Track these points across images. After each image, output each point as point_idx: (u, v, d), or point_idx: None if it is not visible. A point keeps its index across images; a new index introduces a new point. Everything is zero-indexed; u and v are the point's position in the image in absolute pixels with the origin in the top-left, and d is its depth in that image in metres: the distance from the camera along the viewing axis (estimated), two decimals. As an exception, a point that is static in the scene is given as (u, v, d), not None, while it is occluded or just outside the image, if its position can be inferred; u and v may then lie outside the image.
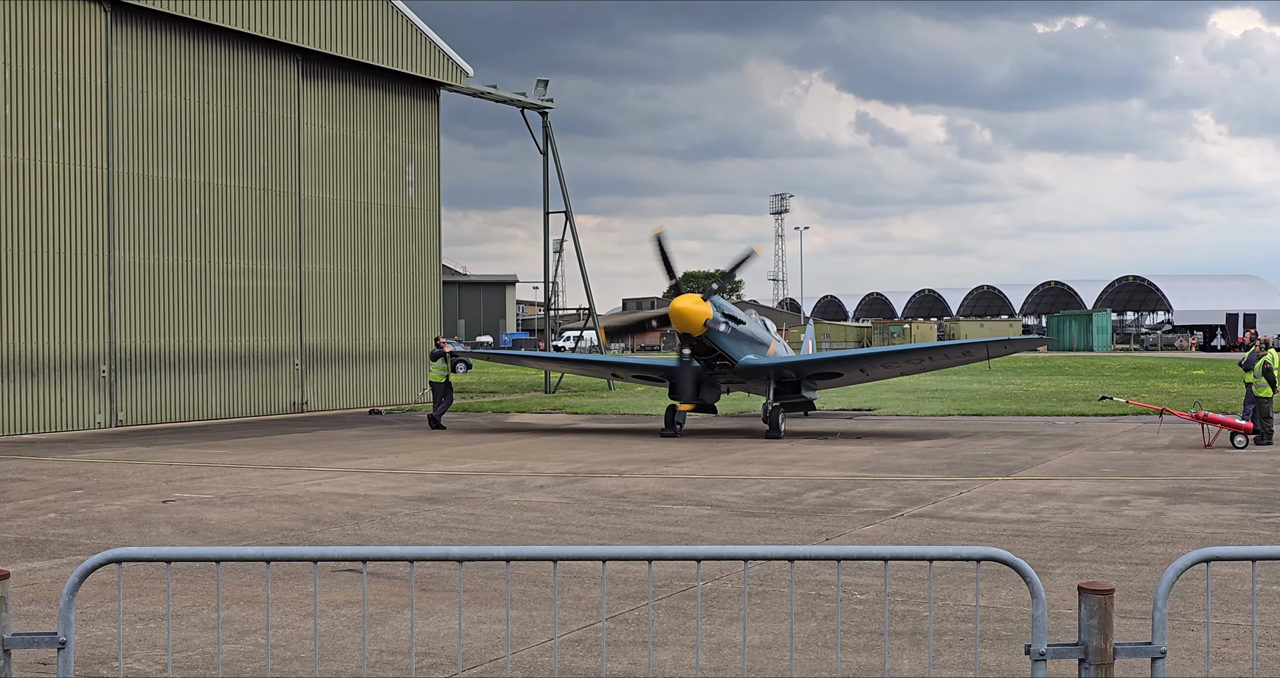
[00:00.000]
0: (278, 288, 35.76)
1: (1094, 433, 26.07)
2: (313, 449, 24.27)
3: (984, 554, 5.44)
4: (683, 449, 23.59)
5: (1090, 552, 12.12)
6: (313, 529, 13.88)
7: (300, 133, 36.45)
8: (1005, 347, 27.23)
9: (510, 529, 13.80)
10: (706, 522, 14.26)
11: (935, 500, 15.89)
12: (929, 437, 25.74)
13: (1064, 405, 33.42)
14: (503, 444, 25.20)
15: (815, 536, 13.25)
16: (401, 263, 40.13)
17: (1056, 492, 16.71)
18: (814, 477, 18.83)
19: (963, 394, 39.55)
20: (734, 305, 27.30)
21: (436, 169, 41.58)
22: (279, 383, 35.70)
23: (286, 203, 36.03)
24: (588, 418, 32.91)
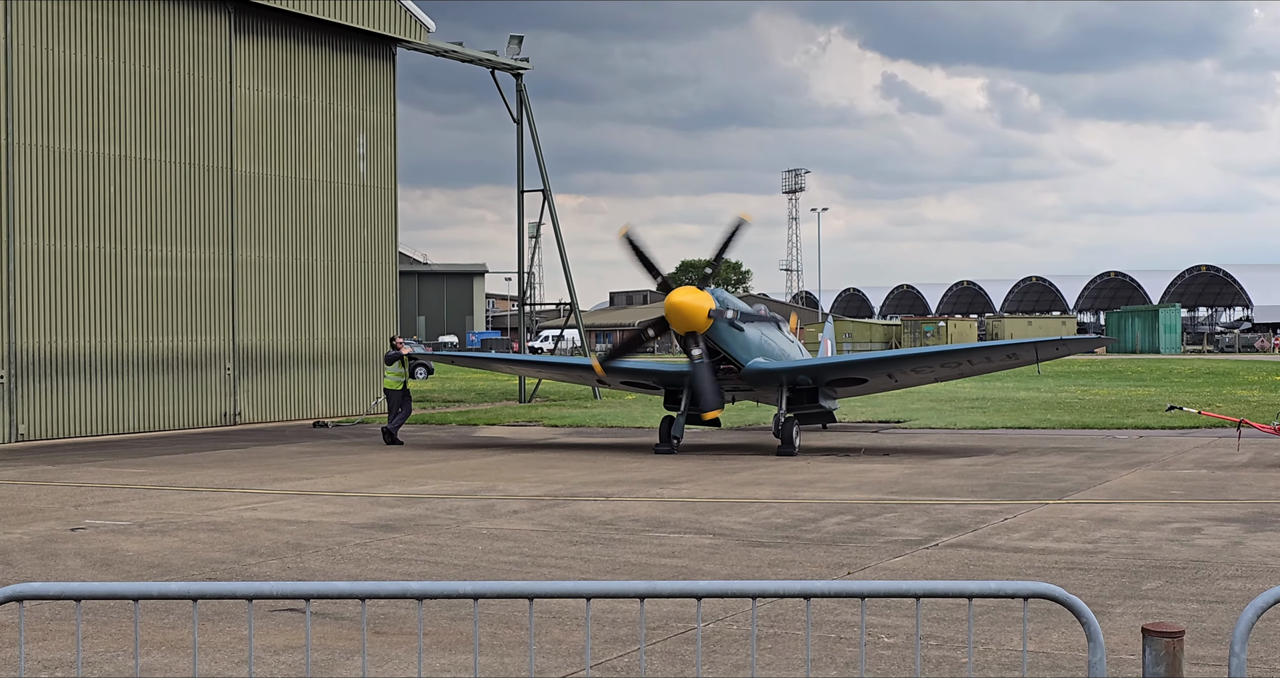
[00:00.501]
0: (206, 279, 35.72)
1: (1160, 449, 26.12)
2: (247, 468, 24.22)
3: (1032, 591, 5.45)
4: (680, 468, 23.58)
5: (1156, 588, 12.13)
6: (247, 562, 13.85)
7: (232, 98, 36.42)
8: (1057, 348, 27.24)
9: (478, 562, 13.78)
10: (708, 553, 14.25)
11: (975, 528, 15.90)
12: (968, 453, 25.76)
13: (1126, 417, 33.48)
14: (470, 462, 25.16)
15: (835, 569, 13.25)
16: (351, 250, 40.12)
17: (1117, 518, 16.74)
18: (834, 500, 18.83)
19: (1007, 404, 39.58)
20: (738, 299, 27.25)
21: (393, 140, 41.58)
22: (207, 391, 35.66)
23: (216, 180, 35.99)
24: (569, 432, 32.90)
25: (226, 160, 36.26)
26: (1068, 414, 34.81)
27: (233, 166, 36.41)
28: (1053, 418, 33.59)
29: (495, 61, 44.84)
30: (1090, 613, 5.36)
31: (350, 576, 13.03)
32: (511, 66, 45.35)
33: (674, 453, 26.22)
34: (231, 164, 36.38)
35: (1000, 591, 5.52)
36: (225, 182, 36.27)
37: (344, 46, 39.75)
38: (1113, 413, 34.95)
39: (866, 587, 5.47)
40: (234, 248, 36.47)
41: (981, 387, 49.16)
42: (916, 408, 37.99)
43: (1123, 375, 59.34)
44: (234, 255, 36.46)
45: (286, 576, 13.05)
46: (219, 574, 13.15)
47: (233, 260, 36.44)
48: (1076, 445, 27.03)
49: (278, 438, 31.70)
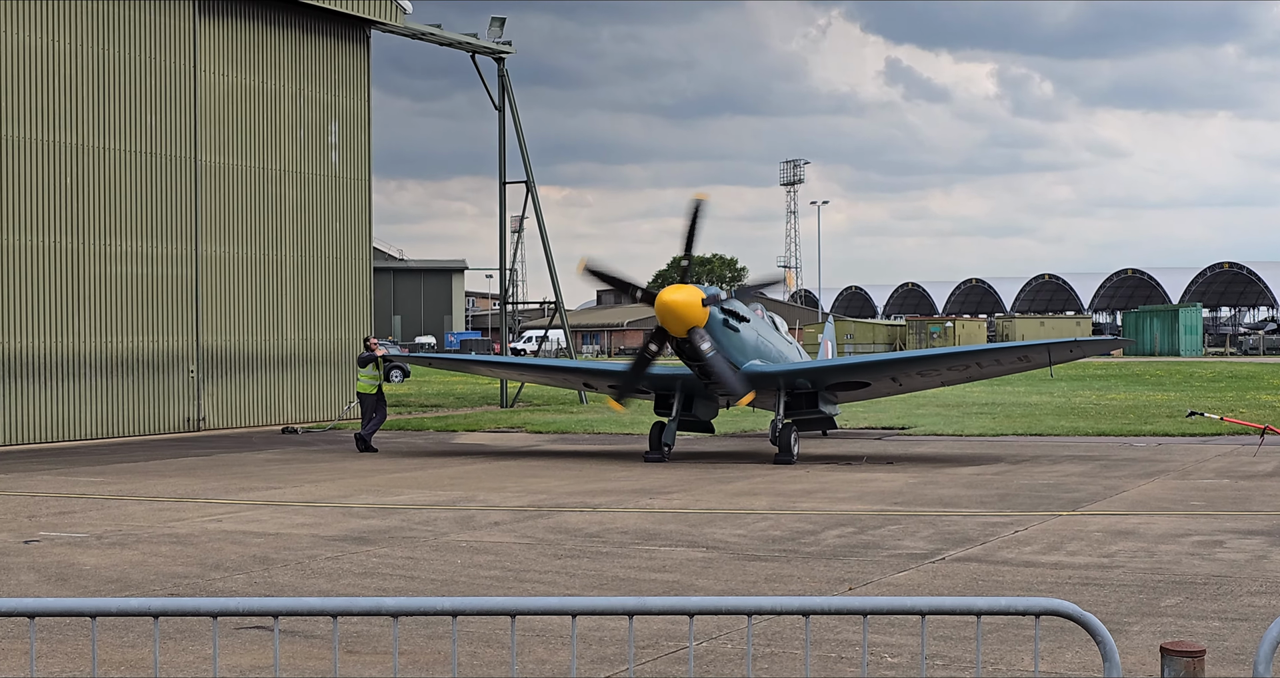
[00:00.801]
0: (168, 276, 35.68)
1: (1180, 458, 26.17)
2: (212, 477, 24.19)
3: (1045, 607, 5.46)
4: (672, 477, 23.59)
5: (1176, 605, 12.16)
6: (211, 576, 13.84)
7: (196, 83, 36.38)
8: (1071, 350, 27.28)
9: (457, 576, 13.78)
10: (701, 567, 14.26)
11: (984, 541, 15.92)
12: (977, 462, 25.79)
13: (1143, 423, 33.54)
14: (448, 470, 25.16)
15: (836, 584, 13.27)
16: (323, 245, 40.09)
17: (1134, 530, 16.77)
18: (834, 511, 18.84)
19: (1018, 409, 39.64)
20: (737, 301, 27.23)
21: (367, 128, 41.56)
22: (169, 394, 35.62)
23: (179, 170, 35.95)
24: (554, 438, 32.90)
25: (190, 150, 36.21)
26: (1082, 420, 34.86)
27: (197, 156, 36.36)
28: (1066, 424, 33.64)
29: (476, 45, 44.84)
30: (1106, 631, 5.37)
31: (321, 591, 13.01)
32: (493, 50, 45.35)
33: (665, 461, 26.22)
34: (195, 154, 36.33)
35: (1011, 607, 5.53)
36: (189, 172, 36.22)
37: (315, 29, 39.73)
38: (1130, 419, 35.02)
39: (869, 603, 5.48)
40: (198, 243, 36.42)
41: (991, 391, 49.21)
42: (922, 413, 38.04)
43: (1140, 379, 59.43)
44: (198, 251, 36.42)
45: (253, 591, 13.03)
46: (182, 590, 13.13)
47: (196, 256, 36.39)
48: (1091, 454, 27.08)
49: (244, 445, 31.66)
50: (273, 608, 5.53)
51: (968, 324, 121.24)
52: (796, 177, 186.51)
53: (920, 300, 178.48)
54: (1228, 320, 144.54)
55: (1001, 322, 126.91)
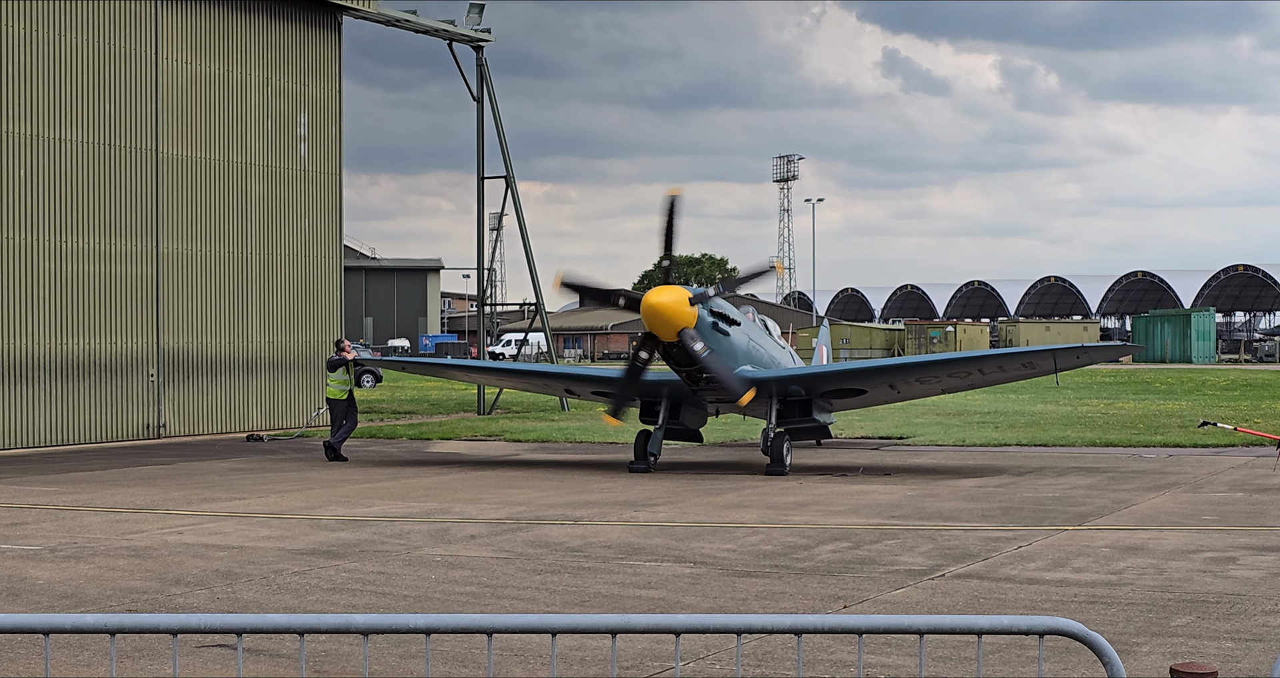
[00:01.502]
0: (126, 275, 35.61)
1: (1192, 470, 26.23)
2: (173, 487, 24.14)
3: (1049, 626, 5.46)
4: (658, 489, 23.60)
5: (1187, 624, 12.19)
6: (171, 592, 13.82)
7: (158, 71, 36.33)
8: (1078, 356, 27.30)
9: (431, 592, 13.77)
10: (688, 584, 14.26)
11: (986, 557, 15.95)
12: (978, 474, 25.82)
13: (1153, 434, 33.61)
14: (422, 481, 25.13)
15: (830, 601, 13.28)
16: (291, 242, 40.04)
17: (1143, 546, 16.80)
18: (828, 525, 18.86)
19: (1022, 418, 39.69)
20: (727, 301, 27.24)
21: (338, 120, 41.52)
22: (128, 400, 35.55)
23: (139, 163, 35.89)
24: (534, 447, 32.88)
25: (150, 141, 36.15)
26: (1089, 431, 34.92)
27: (158, 148, 36.30)
28: (1073, 435, 33.70)
29: (453, 32, 44.84)
30: (1113, 652, 5.38)
31: (288, 607, 12.99)
32: (471, 38, 45.35)
33: (651, 472, 26.22)
34: (156, 146, 36.27)
35: (1013, 626, 5.54)
36: (149, 165, 36.14)
37: (283, 14, 39.69)
38: (1139, 429, 35.08)
39: (864, 622, 5.48)
40: (159, 240, 36.35)
41: (994, 399, 49.28)
42: (921, 423, 38.07)
43: (1150, 387, 59.55)
44: (159, 248, 36.36)
45: (216, 607, 13.01)
46: (140, 606, 13.10)
47: (157, 254, 36.33)
48: (1099, 465, 27.12)
49: (207, 453, 31.60)
50: (236, 625, 5.52)
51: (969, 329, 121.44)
52: (790, 173, 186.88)
53: (919, 304, 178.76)
54: (1242, 326, 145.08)
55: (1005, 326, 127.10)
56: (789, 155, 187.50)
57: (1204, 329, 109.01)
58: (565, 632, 5.62)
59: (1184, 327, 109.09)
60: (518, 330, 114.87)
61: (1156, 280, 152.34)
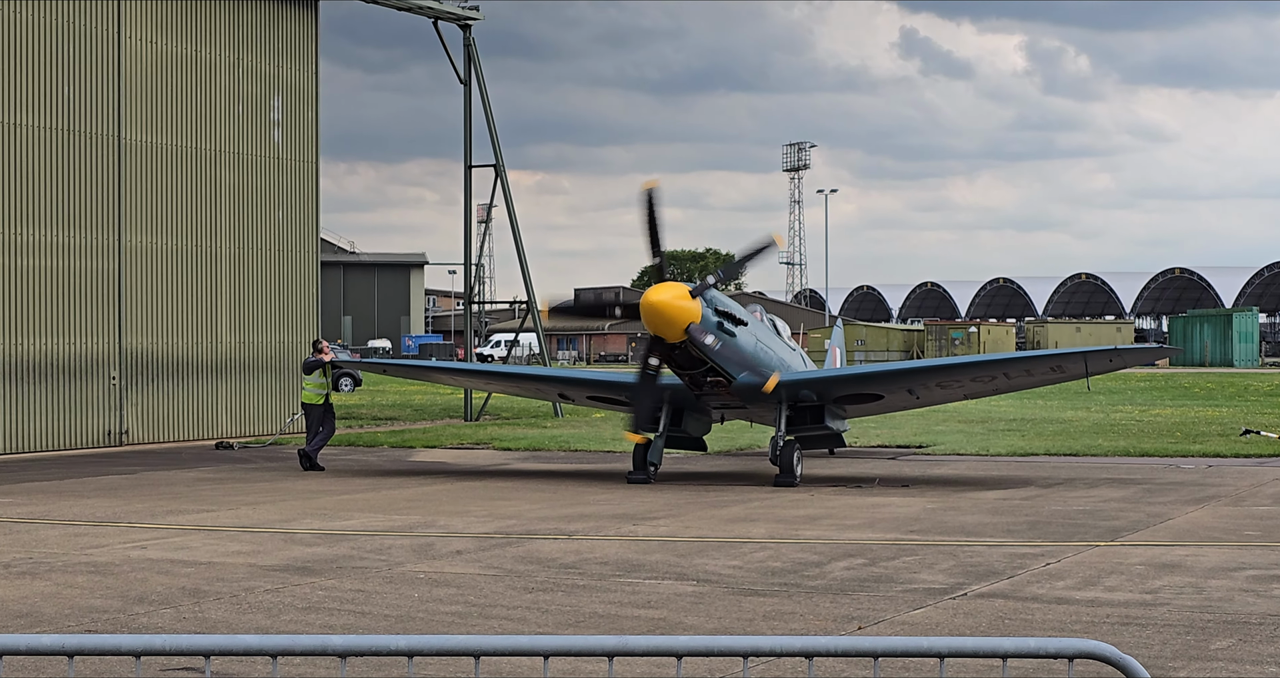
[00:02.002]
0: (86, 270, 35.61)
1: (1233, 481, 26.23)
2: (136, 498, 24.13)
3: (1079, 649, 5.46)
4: (659, 501, 23.60)
5: (1227, 647, 12.18)
6: (134, 611, 13.81)
7: (120, 52, 36.33)
8: (1110, 359, 27.30)
9: (414, 612, 13.77)
10: (691, 603, 14.26)
11: (1011, 574, 15.95)
12: (1003, 485, 25.83)
13: (1192, 443, 33.60)
14: (405, 492, 25.13)
15: (843, 622, 13.27)
16: (264, 235, 40.04)
17: (1181, 563, 16.80)
18: (842, 540, 18.86)
19: (1051, 426, 39.68)
20: (729, 298, 27.24)
21: (314, 104, 41.53)
22: (87, 404, 35.54)
23: (100, 150, 35.88)
24: (524, 456, 32.87)
25: (112, 127, 36.14)
26: (1123, 439, 34.92)
27: (120, 134, 36.30)
28: (1105, 443, 33.69)
29: (439, 10, 44.84)
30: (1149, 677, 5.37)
31: (259, 628, 12.99)
32: (458, 16, 45.37)
33: (651, 482, 26.21)
34: (119, 131, 36.26)
35: (1041, 649, 5.54)
36: (110, 152, 36.14)
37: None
38: (1176, 438, 35.08)
39: (881, 644, 5.47)
40: (121, 232, 36.35)
41: (1020, 405, 49.27)
42: (942, 430, 38.07)
43: (1189, 393, 59.54)
44: (121, 241, 36.35)
45: (182, 628, 13.01)
46: (100, 626, 13.09)
47: (119, 247, 36.32)
48: (1133, 476, 27.13)
49: (173, 462, 31.58)
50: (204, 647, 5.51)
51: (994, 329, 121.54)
52: (801, 161, 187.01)
53: (940, 302, 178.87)
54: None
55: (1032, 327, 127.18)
56: (800, 143, 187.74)
57: (1246, 330, 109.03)
58: (558, 654, 5.61)
59: (1225, 328, 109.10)
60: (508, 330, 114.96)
61: (1195, 278, 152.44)
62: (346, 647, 5.47)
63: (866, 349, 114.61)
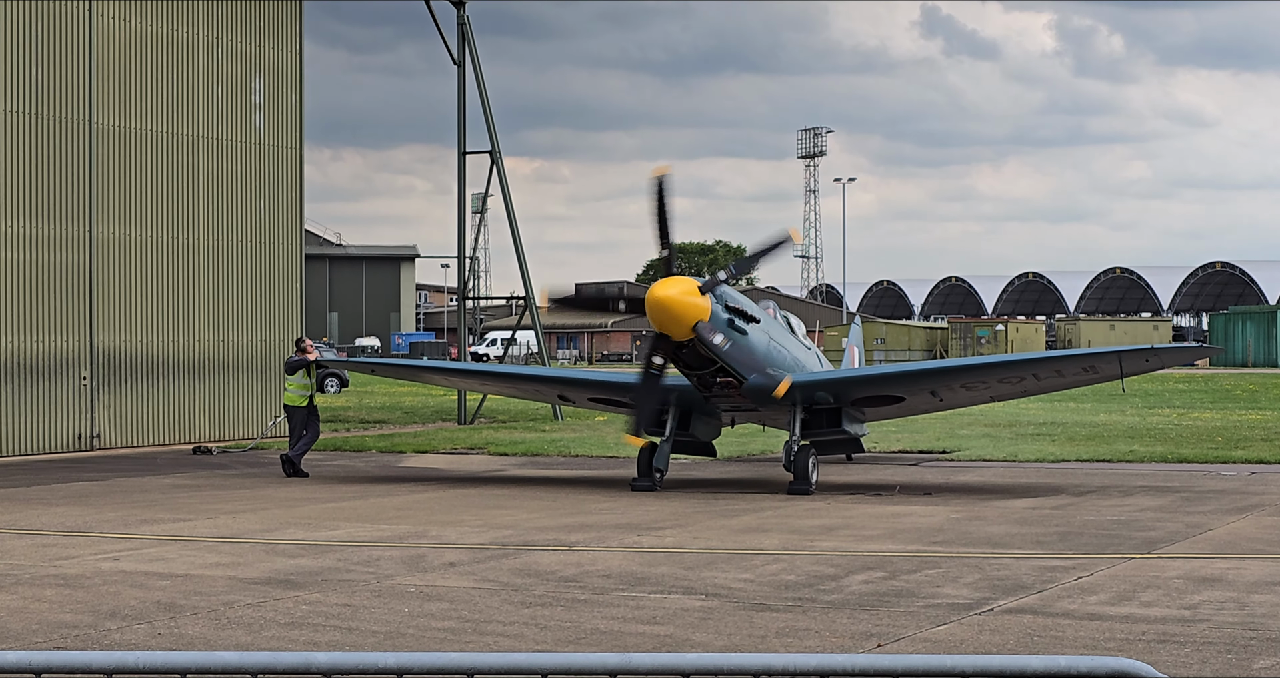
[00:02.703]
0: (55, 264, 35.63)
1: (1278, 490, 26.24)
2: (108, 506, 24.15)
3: (1113, 668, 5.46)
4: (665, 510, 23.61)
5: (1271, 667, 12.18)
6: (106, 626, 13.83)
7: (92, 30, 36.35)
8: (1147, 359, 27.29)
9: (404, 628, 13.78)
10: (699, 619, 14.27)
11: (1041, 589, 15.95)
12: (1032, 493, 25.83)
13: (1234, 449, 33.60)
14: (394, 500, 25.14)
15: (861, 639, 13.28)
16: (245, 227, 40.06)
17: (1221, 577, 16.80)
18: (860, 552, 18.87)
19: (1082, 430, 39.67)
20: (739, 293, 27.24)
21: (298, 87, 41.55)
22: (56, 407, 35.57)
23: (70, 135, 35.91)
24: (522, 462, 32.89)
25: (83, 110, 36.17)
26: (1160, 445, 34.91)
27: (91, 118, 36.33)
28: (1141, 449, 33.69)
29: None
30: (1186, 698, 5.38)
31: (239, 645, 13.00)
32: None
33: (656, 490, 26.23)
34: (90, 115, 36.29)
35: (1072, 668, 5.54)
36: (81, 138, 36.17)
37: (237, -35, 39.72)
38: (1217, 443, 35.07)
39: (901, 663, 5.48)
40: (92, 223, 36.38)
41: (1050, 408, 49.26)
42: (967, 434, 38.08)
43: (1230, 395, 59.51)
44: (92, 233, 36.38)
45: (157, 645, 13.02)
46: (70, 642, 13.11)
47: (90, 239, 36.36)
48: (1170, 484, 27.13)
49: (147, 467, 31.61)
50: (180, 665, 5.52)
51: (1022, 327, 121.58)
52: (818, 148, 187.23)
53: (965, 299, 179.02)
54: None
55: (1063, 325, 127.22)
56: (816, 128, 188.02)
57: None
58: (557, 673, 5.62)
59: (1269, 326, 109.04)
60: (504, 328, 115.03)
61: (1237, 273, 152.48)
62: (332, 665, 5.48)
63: (886, 348, 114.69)
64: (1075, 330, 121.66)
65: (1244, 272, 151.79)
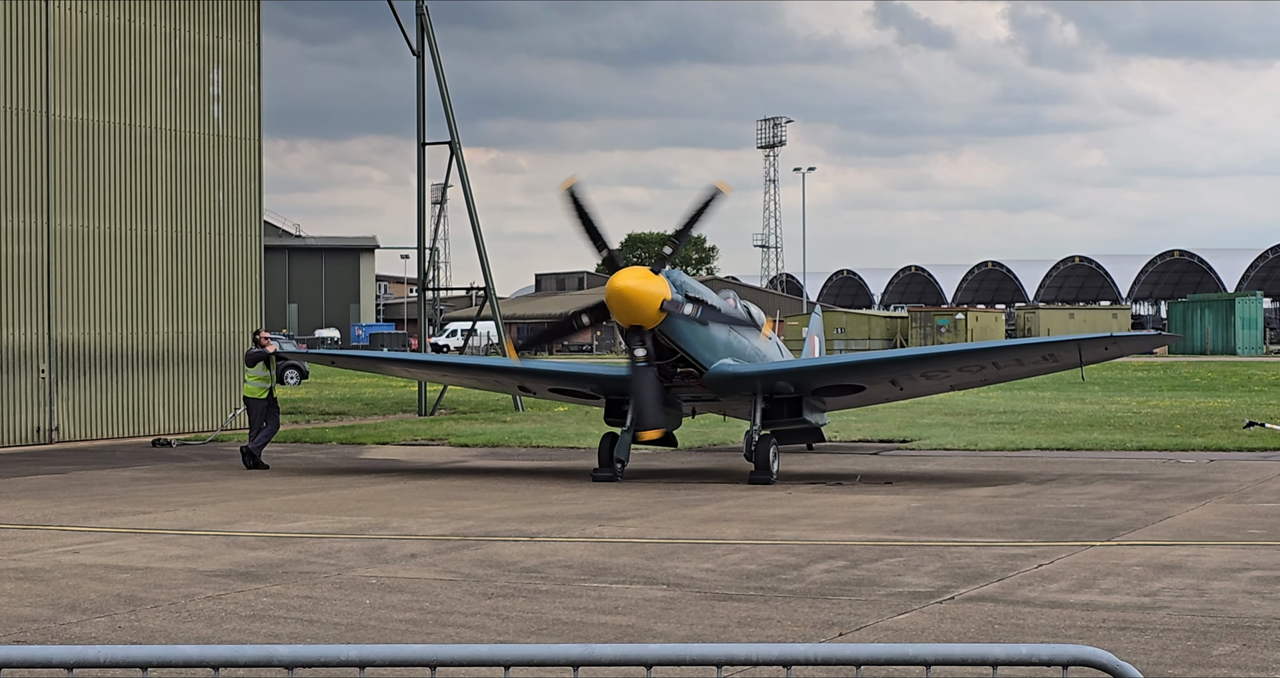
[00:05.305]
0: (11, 256, 35.45)
1: (1237, 477, 26.34)
2: (67, 499, 24.06)
3: (1074, 656, 5.47)
4: (626, 500, 23.62)
5: (1230, 653, 12.24)
6: (66, 620, 13.78)
7: (48, 19, 36.16)
8: (1106, 347, 27.40)
9: (365, 620, 13.76)
10: (661, 609, 14.28)
11: (1002, 577, 16.00)
12: (992, 481, 25.91)
13: (1193, 436, 33.74)
14: (355, 492, 25.10)
15: (824, 628, 13.30)
16: (203, 218, 39.91)
17: (1181, 564, 16.88)
18: (821, 541, 18.90)
19: (1043, 418, 39.80)
20: (700, 283, 27.26)
21: (256, 77, 41.40)
22: (14, 400, 35.41)
23: (26, 126, 35.72)
24: (483, 453, 32.86)
25: (40, 101, 35.97)
26: (1119, 432, 35.05)
27: (48, 109, 36.13)
28: (1100, 437, 33.81)
29: (390, -24, 44.71)
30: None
31: (200, 638, 12.97)
32: (410, -17, 45.26)
33: (618, 480, 26.23)
34: (46, 106, 36.09)
35: (1033, 656, 5.56)
36: (38, 129, 35.97)
37: (194, -45, 39.54)
38: (1176, 431, 35.21)
39: (863, 652, 5.48)
40: (49, 215, 36.19)
41: (1010, 397, 49.41)
42: (927, 423, 38.16)
43: (1189, 383, 59.77)
44: (49, 225, 36.19)
45: (117, 638, 12.98)
46: (29, 636, 13.06)
47: (48, 231, 36.17)
48: (1130, 472, 27.23)
49: (106, 460, 31.50)
50: (141, 658, 5.50)
51: (982, 316, 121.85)
52: (777, 138, 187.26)
53: (925, 288, 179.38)
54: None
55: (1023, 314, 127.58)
56: (775, 118, 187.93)
57: (1250, 316, 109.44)
58: (520, 664, 5.61)
59: (1227, 313, 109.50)
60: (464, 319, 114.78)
61: (1195, 261, 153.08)
62: (293, 657, 5.46)
63: (847, 338, 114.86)
64: (1035, 319, 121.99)
65: (1202, 260, 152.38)
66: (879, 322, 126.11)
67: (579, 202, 24.87)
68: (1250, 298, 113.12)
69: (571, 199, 24.89)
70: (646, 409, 25.32)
